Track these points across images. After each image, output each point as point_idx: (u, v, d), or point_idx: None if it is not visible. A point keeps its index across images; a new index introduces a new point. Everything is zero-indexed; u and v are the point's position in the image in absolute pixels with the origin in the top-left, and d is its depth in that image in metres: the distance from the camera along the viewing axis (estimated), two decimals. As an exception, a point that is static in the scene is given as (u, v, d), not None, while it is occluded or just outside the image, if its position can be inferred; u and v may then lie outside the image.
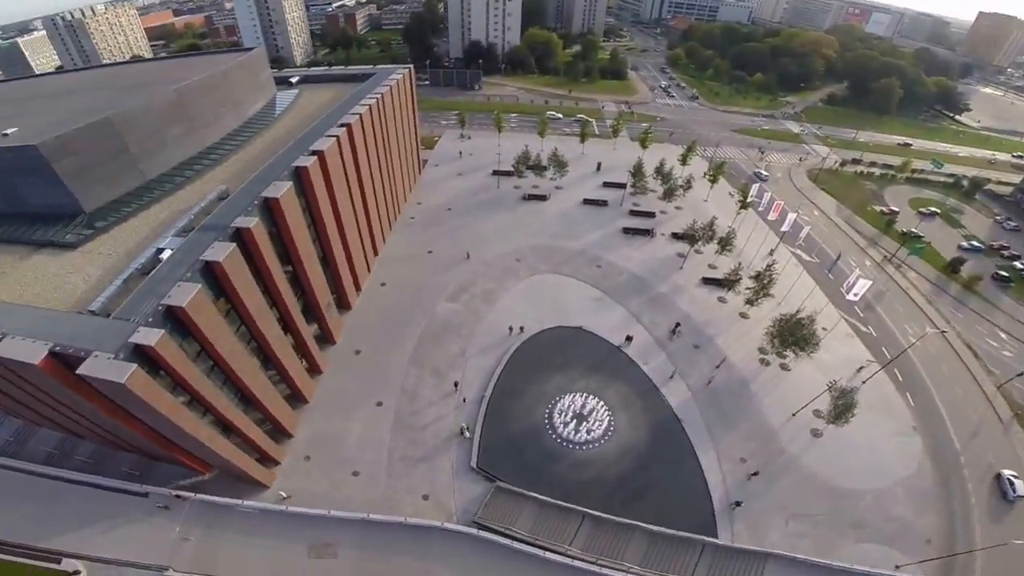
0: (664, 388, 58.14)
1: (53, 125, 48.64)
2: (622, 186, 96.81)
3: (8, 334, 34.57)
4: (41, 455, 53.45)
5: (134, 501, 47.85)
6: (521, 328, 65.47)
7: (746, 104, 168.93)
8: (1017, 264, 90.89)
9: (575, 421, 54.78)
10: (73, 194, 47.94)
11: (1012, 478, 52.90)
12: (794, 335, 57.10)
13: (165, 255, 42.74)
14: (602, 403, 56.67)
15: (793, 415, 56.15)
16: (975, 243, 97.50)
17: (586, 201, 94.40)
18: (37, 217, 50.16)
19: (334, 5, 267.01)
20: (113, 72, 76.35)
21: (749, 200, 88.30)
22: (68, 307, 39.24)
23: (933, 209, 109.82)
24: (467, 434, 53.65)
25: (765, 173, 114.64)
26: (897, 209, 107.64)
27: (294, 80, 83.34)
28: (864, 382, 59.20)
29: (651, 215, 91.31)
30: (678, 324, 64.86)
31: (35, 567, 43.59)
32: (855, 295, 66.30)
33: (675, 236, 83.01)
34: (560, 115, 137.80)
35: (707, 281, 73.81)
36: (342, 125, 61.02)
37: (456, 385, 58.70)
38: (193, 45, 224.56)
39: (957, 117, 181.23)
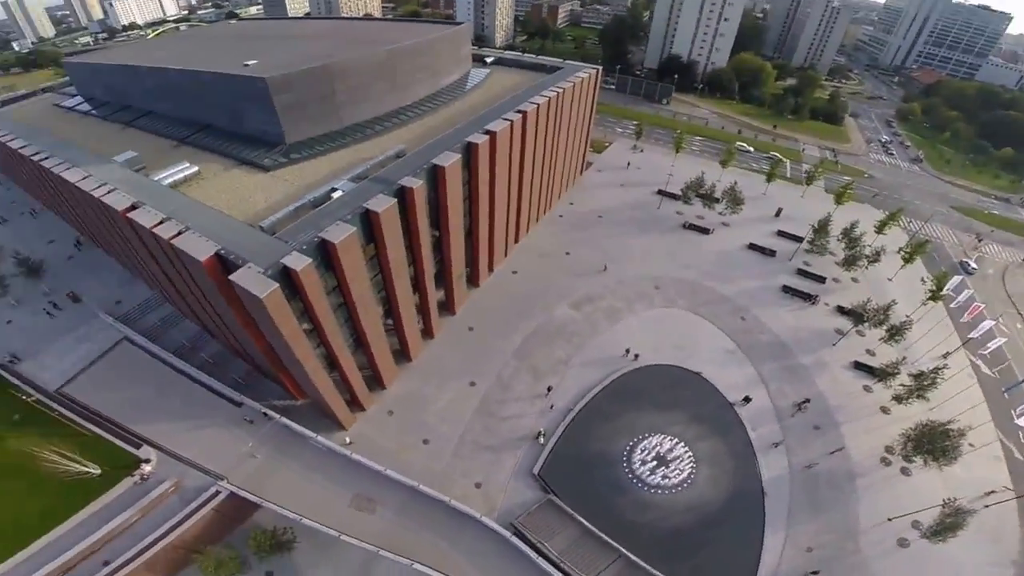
0: (762, 457, 54.17)
1: (282, 64, 55.82)
2: (798, 240, 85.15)
3: (190, 229, 40.39)
4: (174, 344, 62.59)
5: (228, 410, 53.72)
6: (636, 355, 62.56)
7: (980, 180, 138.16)
8: None
9: (655, 462, 52.90)
10: (281, 125, 54.64)
11: None
12: (934, 444, 51.84)
13: (336, 195, 46.71)
14: (690, 454, 53.91)
15: (889, 520, 50.29)
16: None
17: (751, 246, 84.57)
18: (248, 139, 58.36)
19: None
20: (343, 25, 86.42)
21: (943, 293, 73.02)
22: (244, 219, 44.52)
23: None
24: (542, 440, 53.16)
25: (974, 266, 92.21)
26: None
27: (489, 60, 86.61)
28: (987, 506, 51.26)
29: (821, 280, 79.00)
30: (807, 400, 59.23)
31: (114, 444, 50.89)
32: (1027, 423, 56.43)
33: (840, 310, 72.92)
34: (751, 148, 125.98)
35: (858, 366, 65.23)
36: (519, 111, 61.63)
37: (549, 390, 58.27)
38: (415, 12, 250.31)
39: None
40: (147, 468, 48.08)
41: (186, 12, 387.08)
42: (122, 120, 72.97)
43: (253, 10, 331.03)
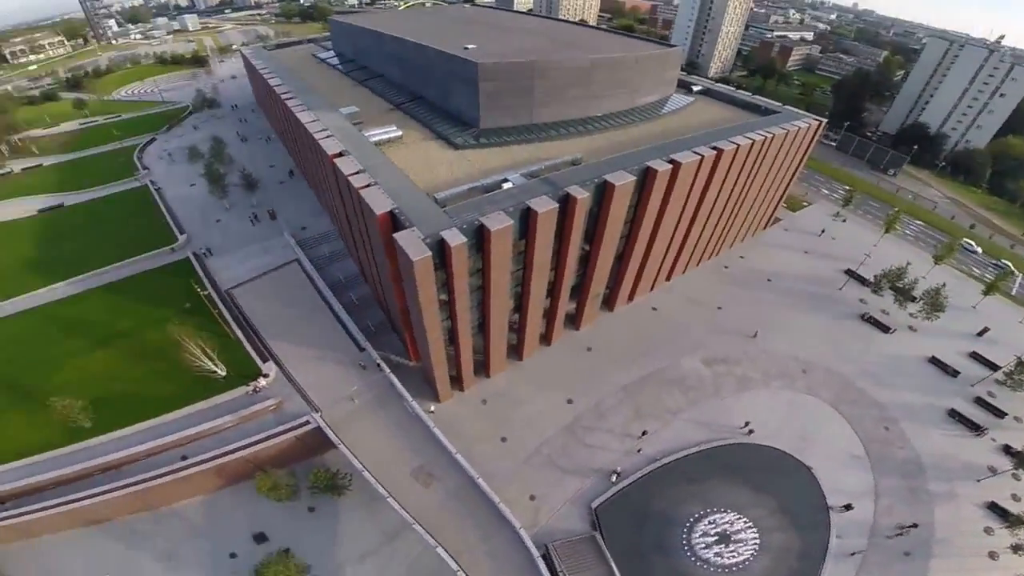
0: (832, 563, 48.64)
1: (494, 53, 59.77)
2: (993, 367, 68.23)
3: (377, 184, 45.56)
4: (332, 279, 70.35)
5: (350, 351, 58.88)
6: (751, 430, 57.59)
7: None
8: None
9: (716, 538, 49.46)
10: (480, 110, 58.62)
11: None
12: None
13: (506, 186, 48.76)
14: (757, 541, 49.65)
15: None
16: None
17: (933, 360, 69.59)
18: (449, 116, 63.85)
19: (774, 33, 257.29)
20: (557, 27, 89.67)
21: None
22: (423, 187, 48.63)
23: None
24: (614, 479, 51.41)
25: None
26: None
27: (696, 88, 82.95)
28: None
29: (1000, 414, 63.24)
30: (914, 525, 52.02)
31: (247, 353, 58.00)
32: None
33: (1006, 449, 60.88)
34: (978, 249, 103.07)
35: (993, 507, 55.31)
36: (713, 148, 57.76)
37: (644, 433, 55.82)
38: (629, 27, 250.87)
39: None
40: (262, 382, 55.04)
41: None
42: (357, 78, 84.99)
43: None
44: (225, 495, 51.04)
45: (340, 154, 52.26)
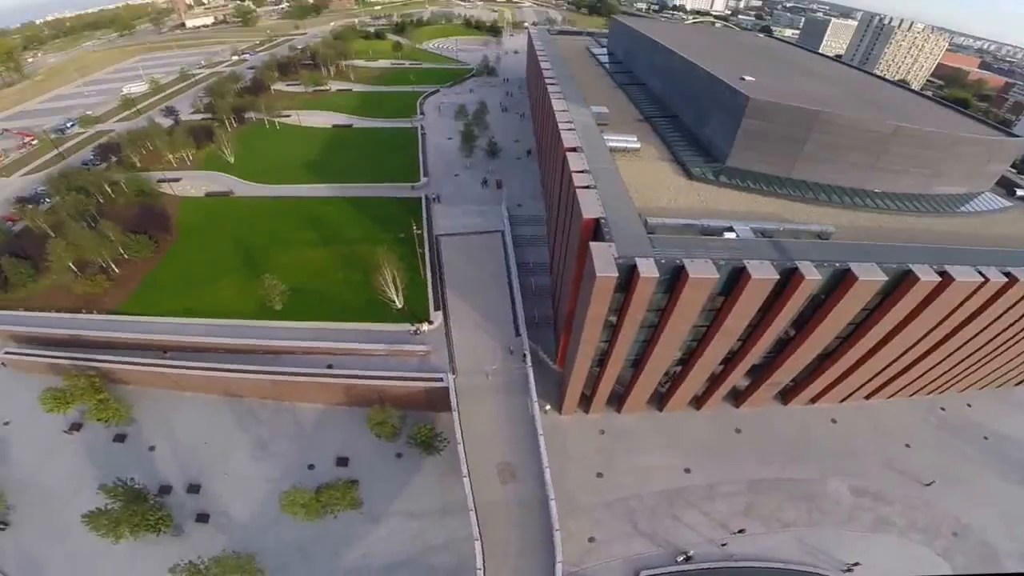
0: None
1: (772, 92, 54.14)
2: None
3: (595, 189, 45.71)
4: (523, 261, 73.78)
5: (507, 333, 61.83)
6: (851, 571, 48.12)
7: None
8: None
9: None
10: (732, 146, 54.36)
11: None
12: None
13: (728, 235, 44.33)
14: None
15: None
16: None
17: None
18: (695, 142, 60.84)
19: None
20: (863, 80, 77.65)
21: None
22: (639, 206, 47.39)
23: None
24: (680, 559, 47.50)
25: None
26: None
27: (1021, 192, 64.19)
28: None
29: None
30: None
31: (427, 296, 64.14)
32: None
33: None
34: None
35: None
36: (1007, 274, 43.03)
37: (739, 531, 49.42)
38: (963, 100, 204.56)
39: None
40: (425, 328, 60.87)
41: (728, 12, 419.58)
42: (619, 81, 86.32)
43: (788, 32, 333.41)
44: (339, 412, 57.58)
45: (574, 149, 53.82)
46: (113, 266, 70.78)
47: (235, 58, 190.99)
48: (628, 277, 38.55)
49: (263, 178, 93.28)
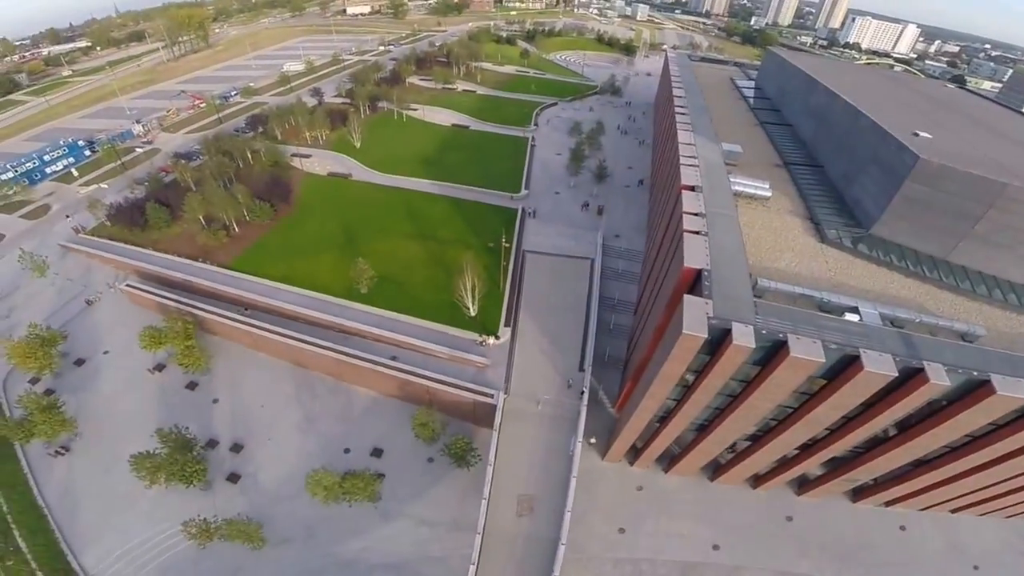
0: None
1: (952, 155, 45.36)
2: None
3: (706, 236, 40.93)
4: (607, 295, 69.59)
5: (570, 365, 58.69)
6: None
7: None
8: None
9: None
10: (883, 211, 46.75)
11: None
12: None
13: (851, 316, 37.87)
14: None
15: None
16: None
17: None
18: (838, 199, 53.51)
19: None
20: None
21: None
22: (752, 262, 42.06)
23: None
24: None
25: None
26: None
27: None
28: None
29: None
30: None
31: (501, 309, 63.33)
32: None
33: None
34: None
35: None
36: None
37: None
38: None
39: None
40: (491, 341, 59.94)
41: (914, 56, 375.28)
42: (762, 118, 79.29)
43: (987, 85, 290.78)
44: (388, 403, 59.02)
45: (691, 187, 49.17)
46: (235, 225, 77.91)
47: (381, 48, 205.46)
48: (719, 340, 33.81)
49: (381, 166, 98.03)
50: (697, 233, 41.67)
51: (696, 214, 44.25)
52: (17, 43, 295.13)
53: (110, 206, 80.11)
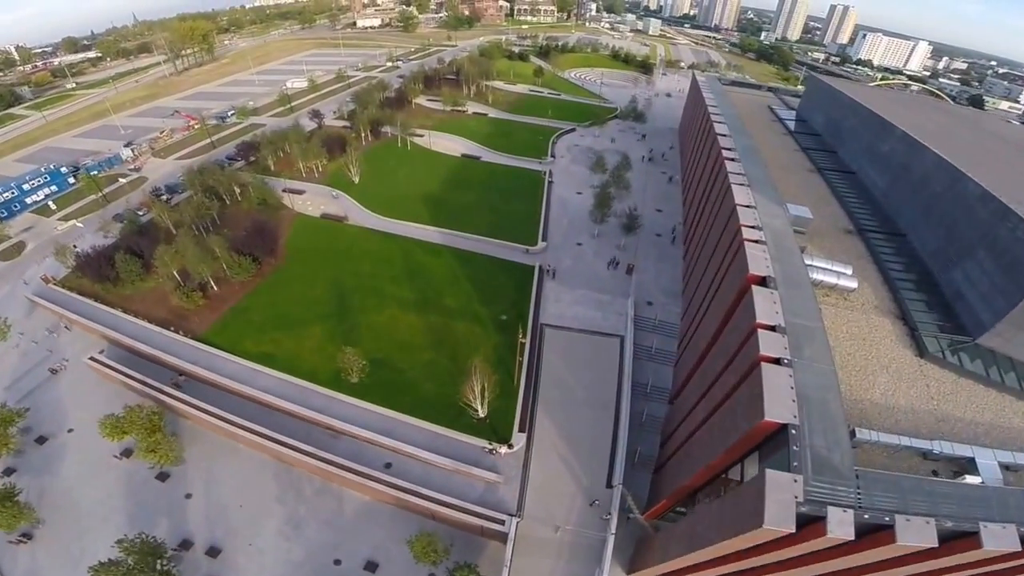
0: None
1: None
2: None
3: (792, 365, 29.32)
4: (638, 379, 58.08)
5: (599, 478, 48.88)
6: None
7: None
8: None
9: None
10: (998, 316, 36.13)
11: None
12: None
13: (971, 480, 28.16)
14: None
15: None
16: None
17: None
18: (935, 290, 42.55)
19: None
20: None
21: None
22: (848, 400, 31.43)
23: None
24: None
25: None
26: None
27: None
28: None
29: None
30: None
31: (514, 408, 52.62)
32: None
33: None
34: None
35: None
36: None
37: None
38: None
39: None
40: (503, 451, 49.56)
41: (927, 74, 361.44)
42: (817, 160, 68.54)
43: (1005, 105, 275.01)
44: (385, 509, 49.40)
45: (763, 280, 37.14)
46: (213, 283, 67.99)
47: (389, 64, 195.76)
48: (803, 525, 23.03)
49: (381, 207, 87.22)
50: (777, 362, 30.49)
51: (773, 327, 32.80)
52: (39, 50, 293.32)
53: (78, 255, 70.56)
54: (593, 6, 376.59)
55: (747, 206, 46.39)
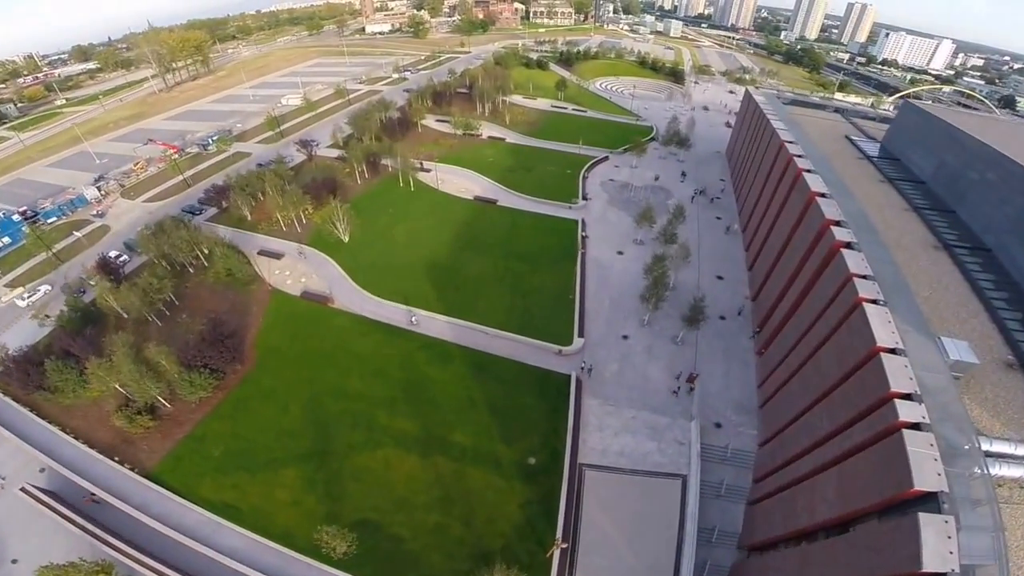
0: None
1: None
2: None
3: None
4: (704, 523, 43.06)
5: None
6: None
7: None
8: None
9: None
10: None
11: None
12: None
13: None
14: None
15: None
16: None
17: None
18: None
19: None
20: None
21: None
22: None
23: None
24: None
25: None
26: None
27: None
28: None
29: None
30: None
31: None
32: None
33: None
34: None
35: None
36: None
37: None
38: None
39: None
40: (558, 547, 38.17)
41: (951, 73, 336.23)
42: (942, 234, 51.91)
43: None
44: None
45: (916, 426, 24.47)
46: (164, 401, 53.07)
47: (395, 75, 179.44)
48: None
49: (373, 280, 69.61)
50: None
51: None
52: (54, 57, 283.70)
53: (2, 359, 56.01)
54: (610, 7, 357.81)
55: (892, 351, 30.40)
